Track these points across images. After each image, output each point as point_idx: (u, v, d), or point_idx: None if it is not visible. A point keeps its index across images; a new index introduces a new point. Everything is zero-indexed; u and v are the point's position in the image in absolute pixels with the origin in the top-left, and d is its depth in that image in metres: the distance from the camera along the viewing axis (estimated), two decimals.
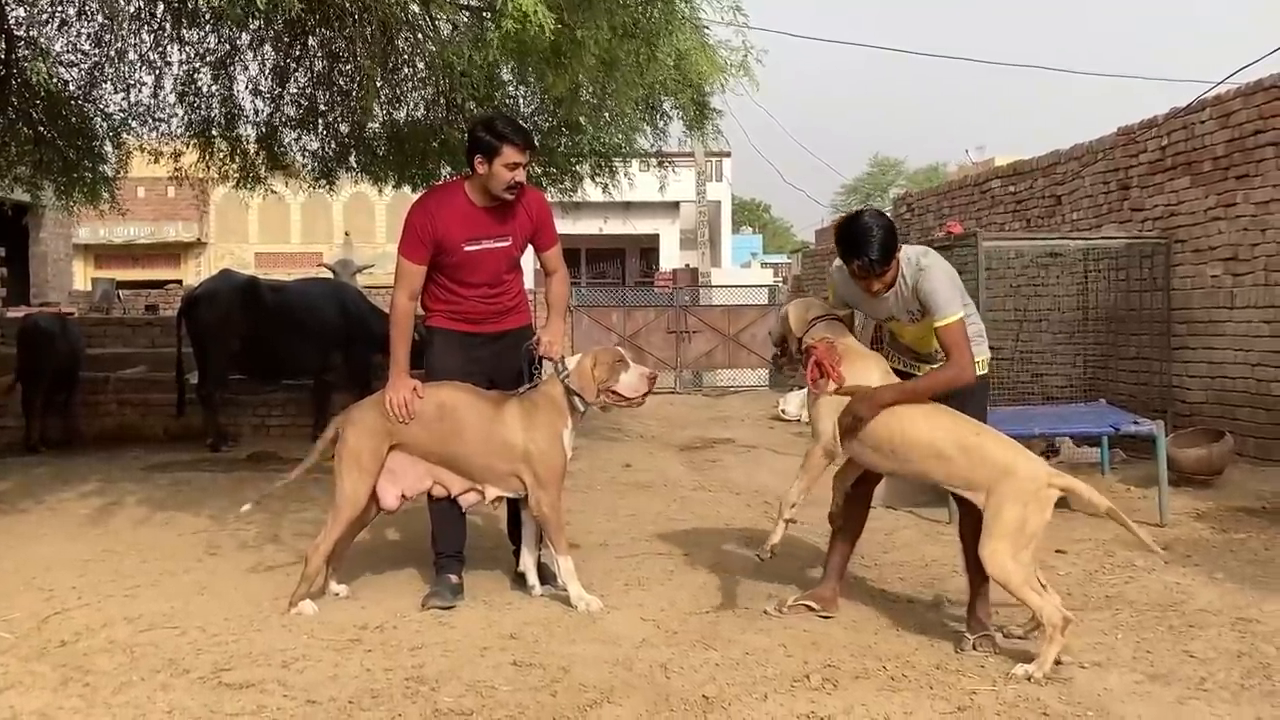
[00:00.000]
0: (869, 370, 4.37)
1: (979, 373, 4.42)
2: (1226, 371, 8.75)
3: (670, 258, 33.30)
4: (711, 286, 22.37)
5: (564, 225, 11.22)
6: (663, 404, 16.49)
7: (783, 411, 14.17)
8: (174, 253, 28.67)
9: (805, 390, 13.71)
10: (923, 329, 4.45)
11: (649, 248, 34.22)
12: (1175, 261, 9.33)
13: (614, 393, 4.83)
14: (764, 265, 42.43)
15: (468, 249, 4.92)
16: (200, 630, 4.43)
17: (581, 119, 8.25)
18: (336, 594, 4.97)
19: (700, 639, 4.25)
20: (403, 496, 4.87)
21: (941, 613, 4.71)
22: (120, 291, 22.41)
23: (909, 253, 4.41)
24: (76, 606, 4.83)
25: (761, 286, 21.67)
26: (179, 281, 27.93)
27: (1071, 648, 4.11)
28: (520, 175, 4.83)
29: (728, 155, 32.86)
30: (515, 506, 5.09)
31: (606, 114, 8.24)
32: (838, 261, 4.47)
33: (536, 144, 5.17)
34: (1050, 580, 5.12)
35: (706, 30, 5.84)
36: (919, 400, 4.28)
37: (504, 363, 5.07)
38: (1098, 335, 10.33)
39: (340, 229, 30.27)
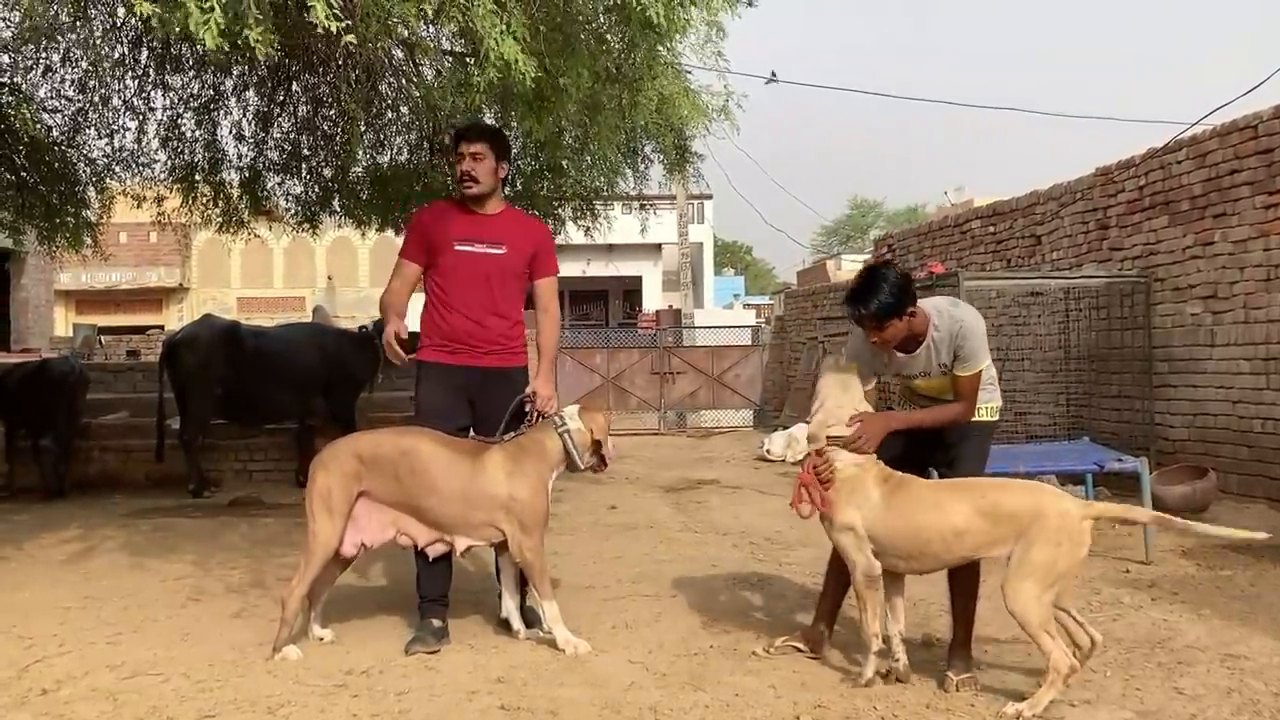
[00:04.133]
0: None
1: (990, 419, 4.44)
2: (1208, 409, 8.80)
3: (653, 299, 33.39)
4: (695, 327, 22.40)
5: None
6: (646, 445, 16.49)
7: (767, 452, 14.13)
8: (156, 298, 28.57)
9: (789, 431, 13.52)
10: (947, 384, 4.45)
11: (632, 289, 34.32)
12: (1155, 300, 9.40)
13: (602, 456, 4.88)
14: (746, 306, 42.62)
15: (458, 247, 4.96)
16: (184, 677, 4.38)
17: (564, 162, 8.30)
18: (320, 638, 4.92)
19: (689, 681, 4.22)
20: (363, 545, 4.78)
21: (931, 652, 4.69)
22: (102, 337, 22.32)
23: (938, 304, 4.43)
24: (57, 654, 4.76)
25: (745, 327, 21.69)
26: (160, 327, 27.82)
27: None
28: (469, 166, 4.92)
29: (709, 197, 33.06)
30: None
31: (589, 157, 8.29)
32: (858, 329, 4.46)
33: (498, 135, 5.16)
34: None
35: (689, 75, 5.90)
36: (923, 425, 4.36)
37: (493, 401, 5.00)
38: (1080, 373, 10.39)
39: (323, 273, 30.25)
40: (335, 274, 30.03)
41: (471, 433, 5.01)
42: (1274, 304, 8.07)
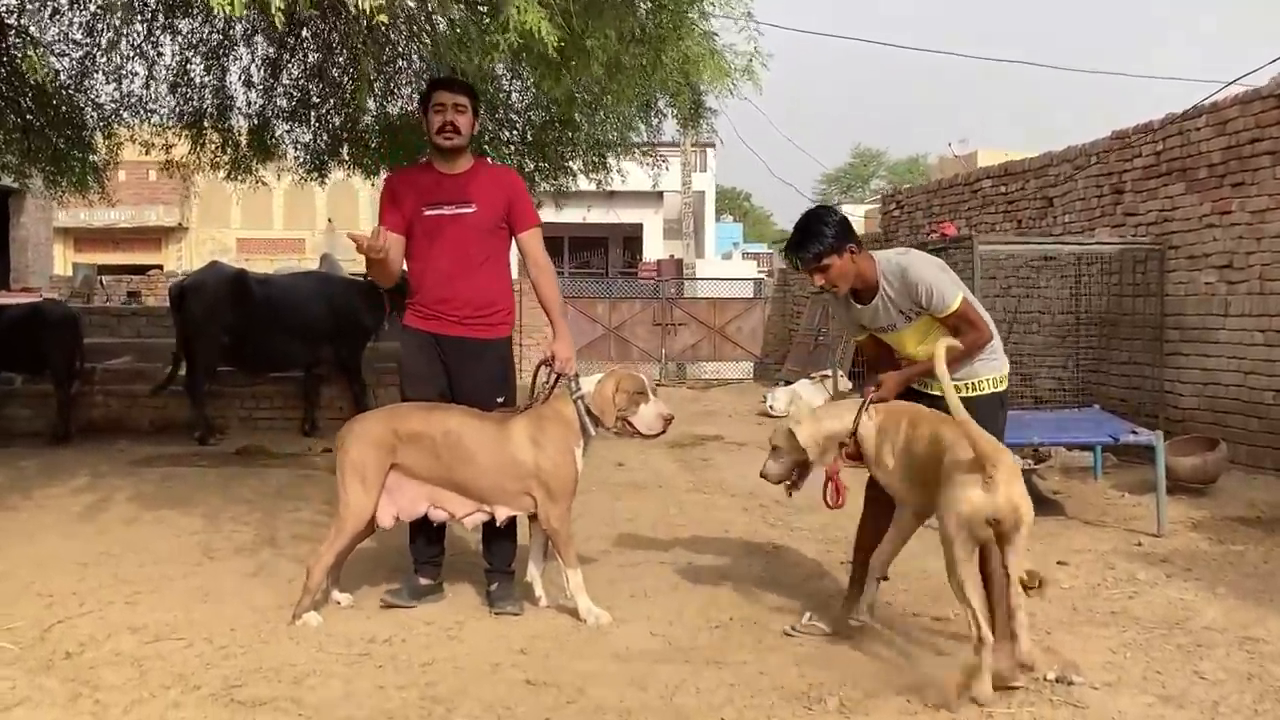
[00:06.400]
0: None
1: (995, 389, 4.40)
2: (1219, 379, 8.79)
3: (654, 247, 33.24)
4: (698, 279, 22.35)
5: (548, 214, 11.17)
6: None
7: (770, 407, 14.17)
8: (154, 237, 28.36)
9: (792, 387, 13.60)
10: (924, 332, 4.41)
11: (632, 236, 34.13)
12: (1169, 268, 9.36)
13: (629, 423, 4.79)
14: (745, 255, 42.46)
15: (427, 212, 4.88)
16: (207, 642, 4.38)
17: (577, 115, 8.20)
18: (339, 603, 4.93)
19: (713, 657, 4.23)
20: (397, 518, 4.77)
21: (946, 627, 4.69)
22: (102, 277, 22.21)
23: (885, 254, 4.43)
24: (79, 614, 4.77)
25: (747, 279, 21.64)
26: (160, 266, 27.68)
27: (1084, 667, 4.13)
28: (451, 117, 4.83)
29: (712, 145, 32.79)
30: (491, 529, 4.94)
31: (603, 112, 8.20)
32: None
33: (475, 91, 5.08)
34: (1054, 594, 5.18)
35: (715, 37, 5.79)
36: (934, 369, 4.22)
37: (465, 376, 4.96)
38: (1090, 338, 10.37)
39: (323, 215, 30.01)
40: (335, 216, 29.81)
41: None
42: None
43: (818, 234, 4.27)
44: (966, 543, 3.76)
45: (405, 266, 5.04)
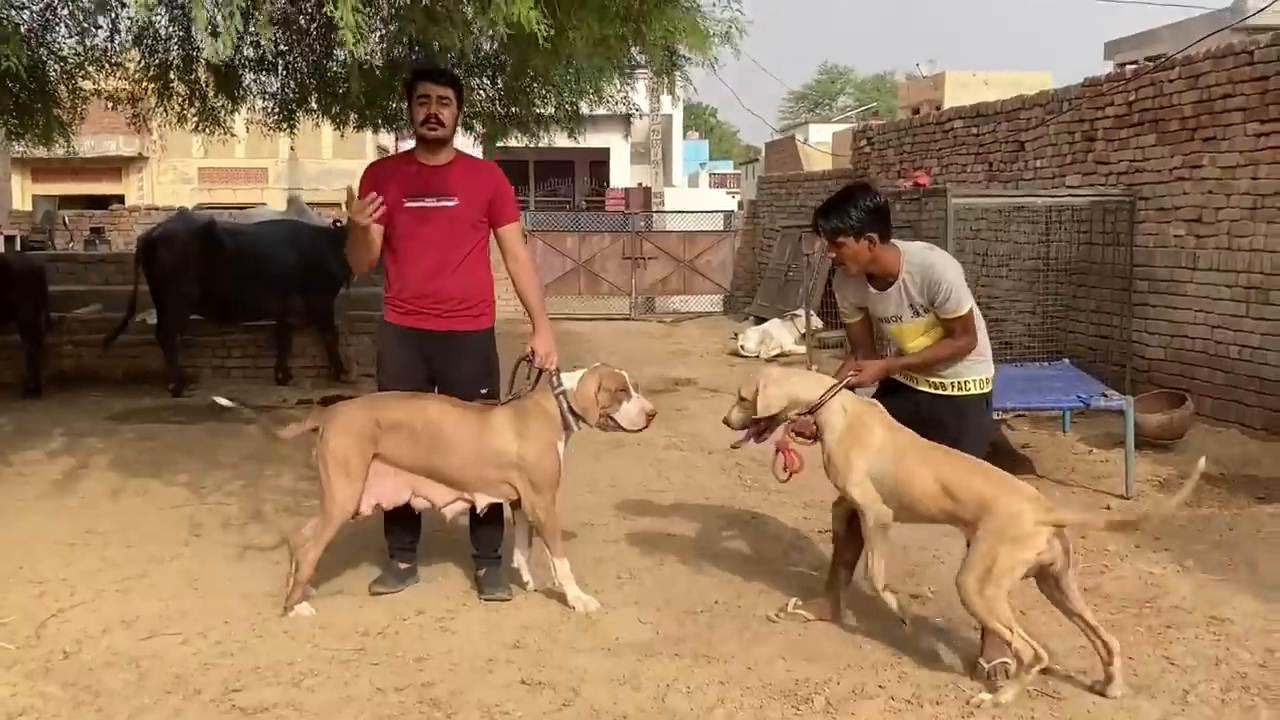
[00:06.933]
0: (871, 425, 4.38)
1: (981, 391, 4.50)
2: (1186, 331, 8.94)
3: (621, 173, 33.02)
4: (667, 212, 22.30)
5: (513, 139, 11.07)
6: (619, 334, 16.55)
7: (742, 347, 14.27)
8: (115, 167, 27.77)
9: (763, 327, 13.70)
10: (923, 330, 4.50)
11: (599, 161, 33.86)
12: (1139, 218, 9.45)
13: (612, 419, 4.85)
14: (713, 175, 42.32)
15: (408, 204, 4.86)
16: (202, 637, 4.44)
17: (555, 78, 8.13)
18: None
19: (700, 649, 4.32)
20: (377, 506, 4.80)
21: (929, 618, 4.82)
22: (64, 214, 21.86)
23: (913, 247, 4.53)
24: (70, 605, 4.81)
25: (717, 212, 21.61)
26: (121, 198, 27.23)
27: (1057, 651, 4.27)
28: (436, 110, 4.79)
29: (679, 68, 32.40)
30: (473, 517, 4.98)
31: (579, 73, 8.16)
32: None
33: (460, 82, 5.06)
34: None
35: (698, 9, 5.75)
36: (924, 366, 4.46)
37: (452, 368, 5.00)
38: (1059, 285, 10.48)
39: (285, 144, 29.49)
40: (298, 146, 29.32)
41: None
42: (1258, 233, 8.15)
43: (844, 213, 4.38)
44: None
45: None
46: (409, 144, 5.18)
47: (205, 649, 4.34)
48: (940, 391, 4.55)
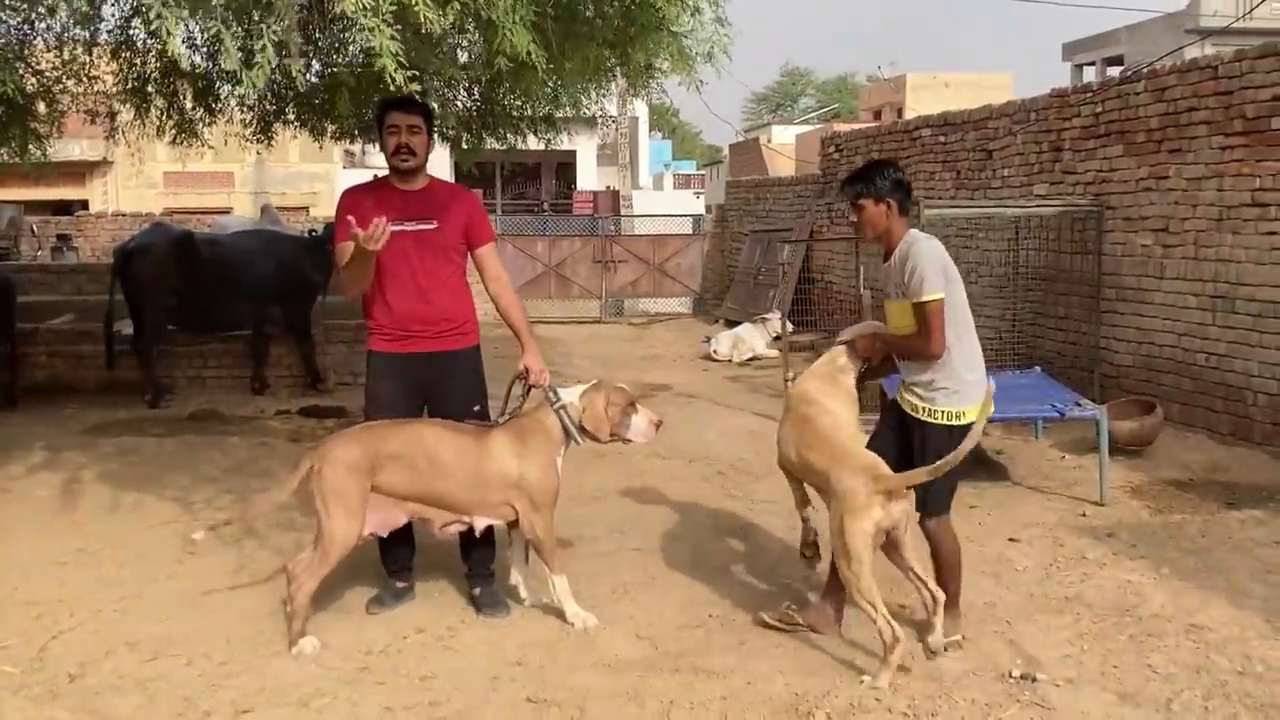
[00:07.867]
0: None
1: (949, 424, 4.51)
2: (1154, 339, 9.13)
3: (588, 175, 33.07)
4: (636, 216, 22.40)
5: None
6: (591, 337, 16.64)
7: (714, 351, 14.36)
8: (79, 171, 27.37)
9: (734, 331, 13.87)
10: (901, 314, 4.64)
11: (566, 163, 33.89)
12: (1106, 228, 9.63)
13: (619, 434, 4.94)
14: (677, 176, 42.40)
15: (390, 229, 4.80)
16: (206, 658, 4.49)
17: (534, 90, 8.20)
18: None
19: (699, 664, 4.43)
20: (374, 533, 4.81)
21: (914, 620, 4.94)
22: (33, 223, 21.65)
23: (913, 231, 4.72)
24: (70, 628, 4.85)
25: (686, 216, 21.73)
26: (85, 203, 26.94)
27: (1045, 662, 4.42)
28: (406, 139, 4.84)
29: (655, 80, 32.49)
30: (470, 535, 5.02)
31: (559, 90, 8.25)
32: None
33: (430, 110, 5.12)
34: (1010, 577, 5.49)
35: (685, 38, 5.82)
36: (899, 351, 4.73)
37: (446, 389, 5.06)
38: (1028, 293, 10.67)
39: (252, 148, 29.29)
40: (264, 150, 29.14)
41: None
42: (1224, 243, 8.34)
43: (869, 179, 4.65)
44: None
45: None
46: (376, 147, 5.23)
47: (210, 670, 4.39)
48: (911, 412, 4.65)
